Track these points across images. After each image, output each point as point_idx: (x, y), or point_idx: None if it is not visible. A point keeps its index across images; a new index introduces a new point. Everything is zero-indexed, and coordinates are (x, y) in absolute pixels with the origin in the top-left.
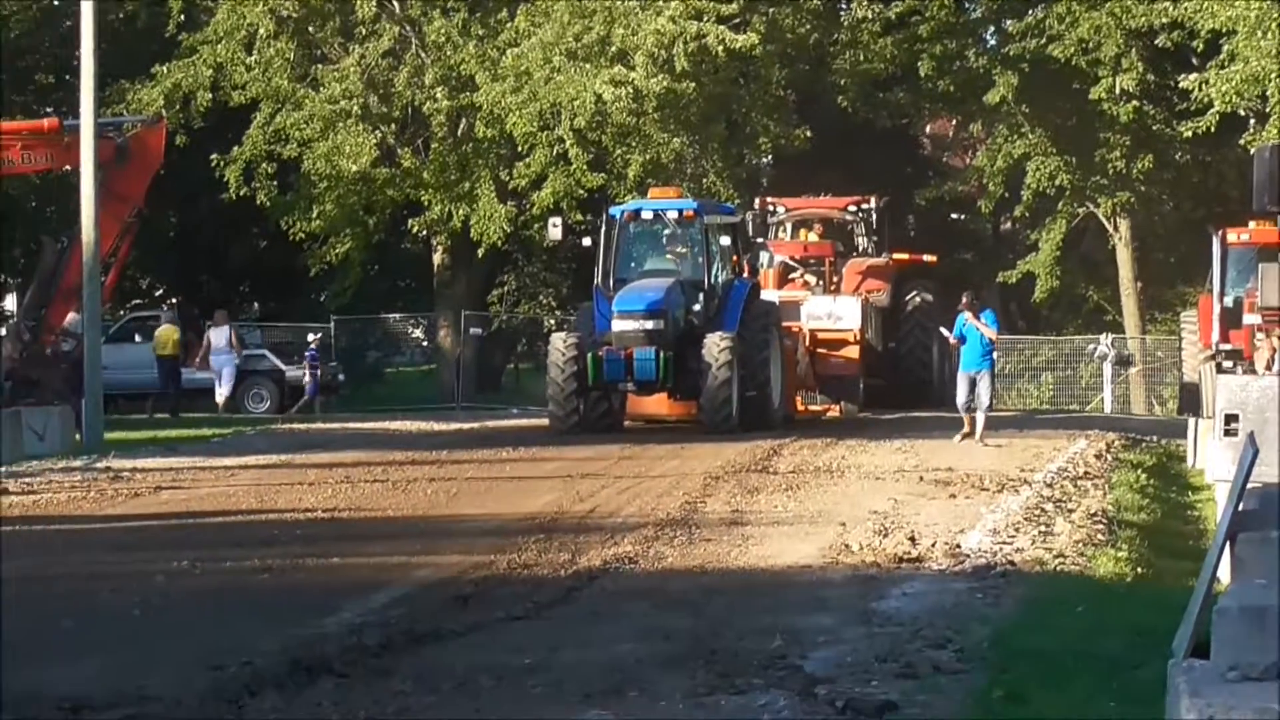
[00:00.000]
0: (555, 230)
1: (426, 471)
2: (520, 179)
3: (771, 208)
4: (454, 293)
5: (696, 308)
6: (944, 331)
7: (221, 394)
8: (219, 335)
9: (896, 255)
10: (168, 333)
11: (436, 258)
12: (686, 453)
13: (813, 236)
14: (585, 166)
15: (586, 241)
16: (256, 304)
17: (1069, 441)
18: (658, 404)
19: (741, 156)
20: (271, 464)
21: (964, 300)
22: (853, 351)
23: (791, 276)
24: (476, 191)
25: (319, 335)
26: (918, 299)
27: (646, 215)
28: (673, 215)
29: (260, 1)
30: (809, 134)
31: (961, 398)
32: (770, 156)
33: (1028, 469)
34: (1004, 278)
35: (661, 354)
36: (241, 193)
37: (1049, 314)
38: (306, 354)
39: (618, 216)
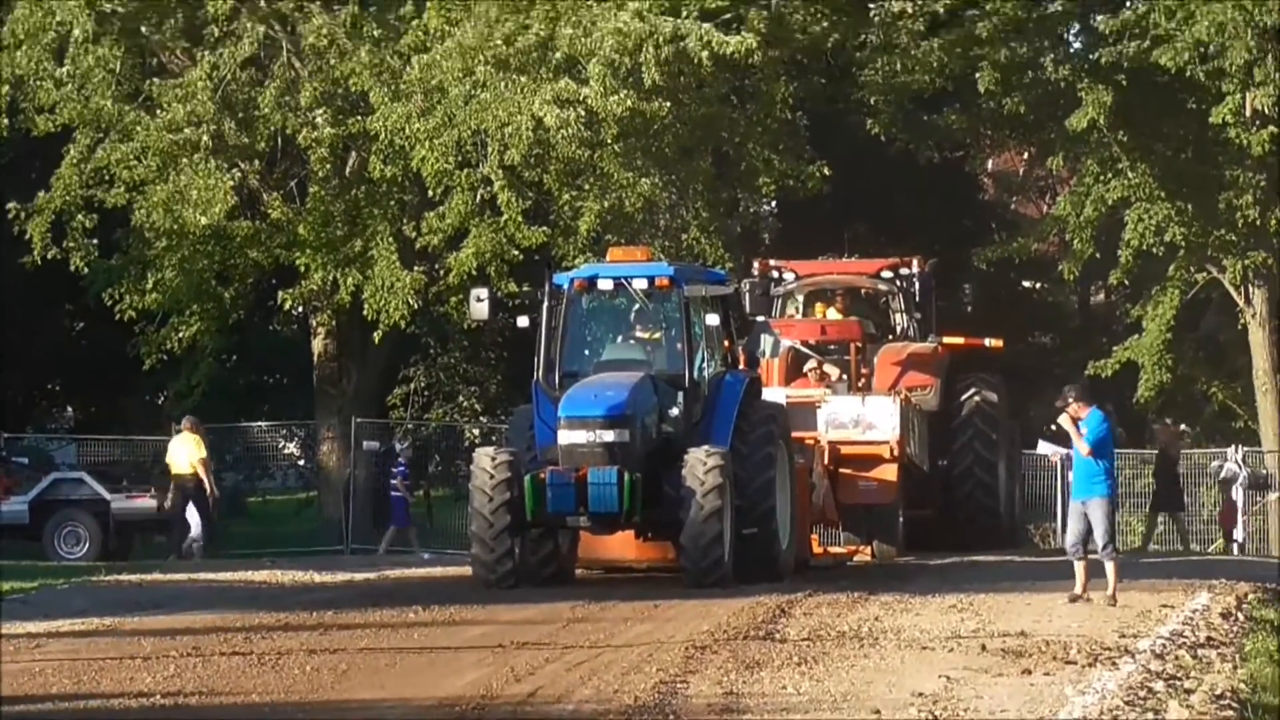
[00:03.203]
0: (480, 306)
1: (305, 640)
2: (431, 235)
3: (776, 274)
4: (341, 392)
5: (674, 412)
6: (1047, 447)
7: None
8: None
9: (948, 339)
10: (188, 445)
11: (317, 344)
12: (661, 613)
13: (833, 313)
14: (520, 217)
15: (523, 321)
16: (70, 409)
17: (1186, 595)
18: (622, 545)
19: (735, 203)
20: (93, 630)
21: (1065, 396)
22: (889, 471)
23: (805, 369)
24: (371, 252)
25: (407, 445)
26: (977, 399)
27: (605, 285)
28: (641, 285)
29: None
30: (827, 172)
31: (1070, 537)
32: (774, 203)
33: (1130, 633)
34: (1095, 369)
35: (626, 476)
36: (49, 255)
37: (1157, 418)
38: (396, 469)
39: (565, 287)
